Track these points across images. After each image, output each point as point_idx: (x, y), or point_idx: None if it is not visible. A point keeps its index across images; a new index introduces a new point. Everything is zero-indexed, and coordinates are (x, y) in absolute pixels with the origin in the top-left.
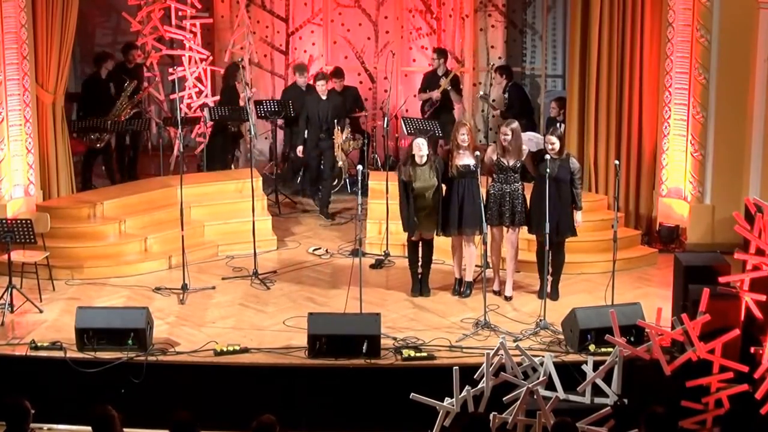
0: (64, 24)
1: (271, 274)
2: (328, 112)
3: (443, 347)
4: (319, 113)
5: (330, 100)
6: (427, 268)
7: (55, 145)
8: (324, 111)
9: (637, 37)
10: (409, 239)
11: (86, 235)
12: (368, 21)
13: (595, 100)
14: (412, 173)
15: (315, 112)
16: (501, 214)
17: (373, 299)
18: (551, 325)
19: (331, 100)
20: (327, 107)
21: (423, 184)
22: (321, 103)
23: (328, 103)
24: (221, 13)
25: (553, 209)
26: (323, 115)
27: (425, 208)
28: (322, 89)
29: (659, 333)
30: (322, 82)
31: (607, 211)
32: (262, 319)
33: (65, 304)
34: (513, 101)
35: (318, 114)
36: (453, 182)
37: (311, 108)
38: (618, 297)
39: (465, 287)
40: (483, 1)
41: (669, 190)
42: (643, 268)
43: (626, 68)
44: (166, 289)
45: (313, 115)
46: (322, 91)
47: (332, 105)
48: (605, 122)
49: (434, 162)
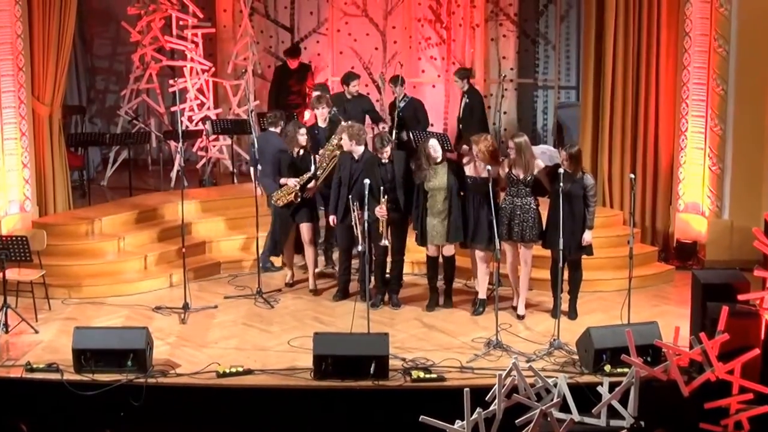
0: (61, 34)
1: (275, 292)
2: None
3: (454, 368)
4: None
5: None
6: (449, 285)
7: (51, 160)
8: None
9: (653, 47)
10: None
11: (84, 252)
12: (376, 30)
13: (610, 112)
14: (426, 173)
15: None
16: (511, 228)
17: (382, 318)
18: (565, 345)
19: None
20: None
21: (435, 184)
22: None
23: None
24: (224, 23)
25: (565, 226)
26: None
27: (437, 213)
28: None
29: (677, 353)
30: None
31: (622, 227)
32: (266, 340)
33: (62, 324)
34: (474, 106)
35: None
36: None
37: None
38: (634, 316)
39: (478, 305)
40: (494, 10)
41: (686, 205)
42: (659, 285)
43: (642, 79)
44: (166, 308)
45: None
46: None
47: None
48: (620, 135)
49: (451, 164)
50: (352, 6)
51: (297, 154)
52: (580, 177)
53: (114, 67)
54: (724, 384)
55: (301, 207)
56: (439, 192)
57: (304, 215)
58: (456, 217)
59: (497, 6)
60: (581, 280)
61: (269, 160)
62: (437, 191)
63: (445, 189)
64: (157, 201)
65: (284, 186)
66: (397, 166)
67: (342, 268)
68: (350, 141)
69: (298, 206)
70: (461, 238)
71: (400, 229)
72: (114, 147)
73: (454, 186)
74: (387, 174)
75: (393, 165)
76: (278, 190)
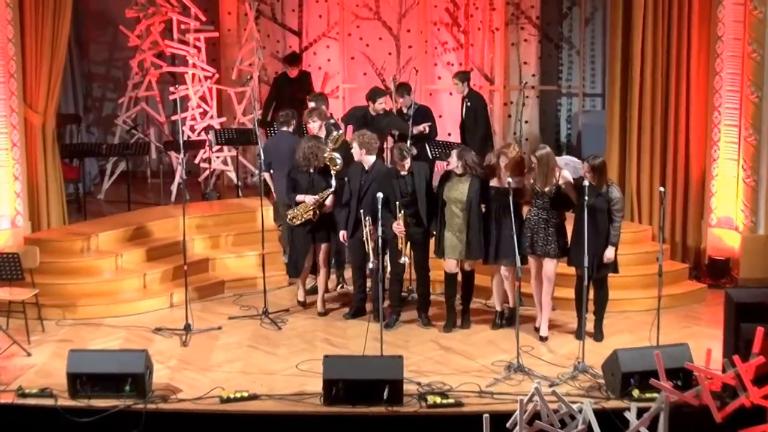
0: (55, 38)
1: (282, 312)
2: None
3: (472, 393)
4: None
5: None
6: (466, 302)
7: (45, 172)
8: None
9: (684, 53)
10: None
11: (79, 270)
12: (389, 35)
13: (638, 120)
14: (447, 184)
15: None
16: (534, 242)
17: (396, 340)
18: (590, 369)
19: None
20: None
21: (454, 195)
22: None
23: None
24: (228, 27)
25: (589, 242)
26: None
27: (454, 227)
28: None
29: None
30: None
31: (651, 243)
32: (273, 363)
33: (56, 347)
34: (477, 110)
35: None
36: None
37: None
38: (663, 337)
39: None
40: (515, 13)
41: (719, 219)
42: (690, 305)
43: (671, 86)
44: (167, 329)
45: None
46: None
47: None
48: (649, 145)
49: (472, 176)
50: (364, 8)
51: (314, 171)
52: (605, 190)
53: (111, 73)
54: (760, 409)
55: (319, 225)
56: (456, 204)
57: (323, 235)
58: (476, 232)
59: (518, 8)
60: (607, 299)
61: (285, 162)
62: (454, 203)
63: (464, 202)
64: (157, 216)
65: (301, 204)
66: (417, 178)
67: (356, 286)
68: (360, 150)
69: (316, 224)
70: (482, 255)
71: (422, 245)
72: (111, 158)
73: (474, 200)
74: (407, 186)
75: (413, 177)
76: (294, 208)
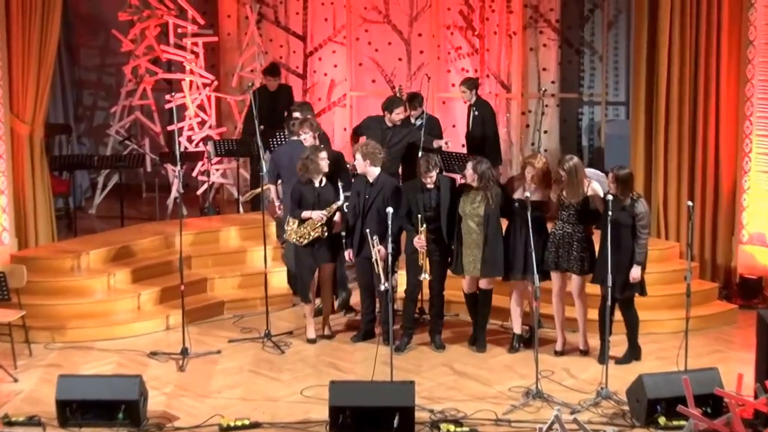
0: (44, 43)
1: (286, 335)
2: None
3: (488, 421)
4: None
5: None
6: (482, 320)
7: (32, 185)
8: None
9: (713, 58)
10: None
11: (69, 290)
12: (399, 39)
13: (664, 131)
14: (463, 198)
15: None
16: (559, 257)
17: (406, 364)
18: (614, 395)
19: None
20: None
21: (470, 209)
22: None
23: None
24: (228, 31)
25: (611, 260)
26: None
27: (470, 243)
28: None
29: (740, 403)
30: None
31: (678, 261)
32: (276, 389)
33: (44, 372)
34: (485, 119)
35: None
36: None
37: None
38: (692, 361)
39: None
40: (533, 16)
41: (750, 236)
42: (721, 327)
43: (700, 94)
44: (162, 353)
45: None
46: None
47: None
48: (676, 157)
49: (490, 189)
50: (373, 11)
51: (320, 184)
52: (630, 204)
53: (103, 80)
54: None
55: (325, 245)
56: (472, 219)
57: (326, 254)
58: (492, 248)
59: (537, 11)
60: (637, 322)
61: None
62: (470, 218)
63: (480, 217)
64: (152, 232)
65: (307, 221)
66: (443, 192)
67: (364, 307)
68: (364, 161)
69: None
70: (499, 273)
71: (440, 264)
72: (103, 171)
73: (492, 215)
74: (431, 201)
75: (438, 191)
76: (300, 227)
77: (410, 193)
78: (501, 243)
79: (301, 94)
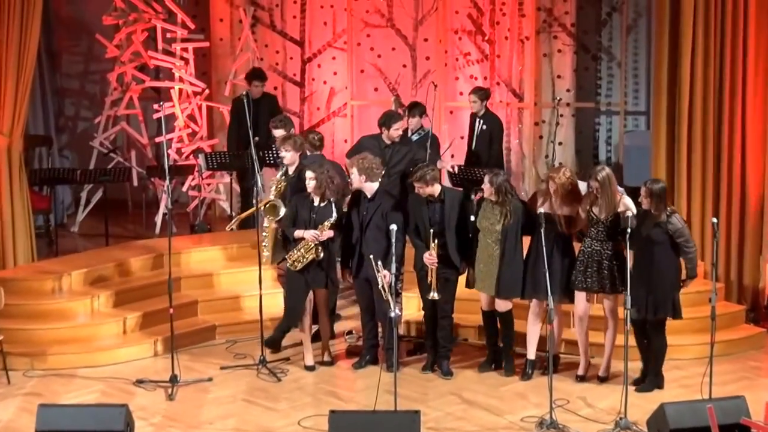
0: (23, 49)
1: (282, 361)
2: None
3: None
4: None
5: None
6: (507, 343)
7: (11, 201)
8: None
9: (739, 65)
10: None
11: (50, 314)
12: (404, 44)
13: (687, 142)
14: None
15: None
16: (587, 276)
17: (412, 393)
18: (634, 425)
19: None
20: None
21: (486, 224)
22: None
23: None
24: (220, 36)
25: (641, 278)
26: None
27: (485, 258)
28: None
29: None
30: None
31: (703, 281)
32: (272, 419)
33: (23, 401)
34: (493, 133)
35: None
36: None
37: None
38: (717, 389)
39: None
40: (547, 20)
41: None
42: (748, 352)
43: (725, 104)
44: (150, 381)
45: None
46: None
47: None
48: (700, 170)
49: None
50: (376, 15)
51: (318, 203)
52: (664, 220)
53: (87, 88)
54: None
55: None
56: (489, 235)
57: (321, 278)
58: (508, 266)
59: (551, 15)
60: (664, 349)
61: None
62: (487, 233)
63: (498, 232)
64: (139, 251)
65: (301, 242)
66: (448, 206)
67: (365, 331)
68: (360, 176)
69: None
70: (516, 294)
71: (449, 283)
72: (87, 186)
73: (511, 231)
74: (435, 215)
75: (444, 205)
76: (293, 249)
77: (415, 207)
78: (519, 261)
79: (299, 103)
